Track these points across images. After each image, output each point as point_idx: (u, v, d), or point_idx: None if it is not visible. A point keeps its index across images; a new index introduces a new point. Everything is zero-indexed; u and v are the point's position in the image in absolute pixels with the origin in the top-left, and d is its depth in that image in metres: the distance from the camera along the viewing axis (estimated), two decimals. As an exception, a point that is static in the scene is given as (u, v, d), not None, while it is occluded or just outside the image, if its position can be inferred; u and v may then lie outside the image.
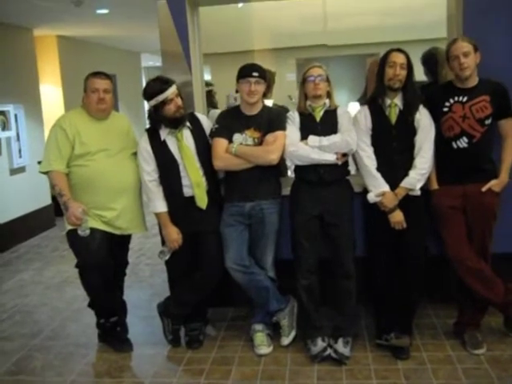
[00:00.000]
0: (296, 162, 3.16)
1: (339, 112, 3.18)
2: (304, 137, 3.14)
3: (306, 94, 3.16)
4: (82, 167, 3.18)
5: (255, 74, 3.11)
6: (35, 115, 6.93)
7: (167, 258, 3.28)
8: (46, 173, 3.20)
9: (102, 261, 3.19)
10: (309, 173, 3.15)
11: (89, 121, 3.26)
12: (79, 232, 3.10)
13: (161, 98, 3.09)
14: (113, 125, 3.34)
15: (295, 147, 3.11)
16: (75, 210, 3.06)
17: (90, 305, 3.47)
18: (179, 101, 3.14)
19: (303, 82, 3.17)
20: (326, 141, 3.08)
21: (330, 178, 3.13)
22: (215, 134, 3.21)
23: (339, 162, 3.11)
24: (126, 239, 3.47)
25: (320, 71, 3.11)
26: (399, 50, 3.04)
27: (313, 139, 3.11)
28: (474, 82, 3.04)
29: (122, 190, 3.25)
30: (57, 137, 3.16)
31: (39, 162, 3.28)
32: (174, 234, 3.22)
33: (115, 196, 3.23)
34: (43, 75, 7.34)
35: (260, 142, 3.16)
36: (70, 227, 3.19)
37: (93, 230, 3.15)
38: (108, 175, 3.20)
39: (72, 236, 3.20)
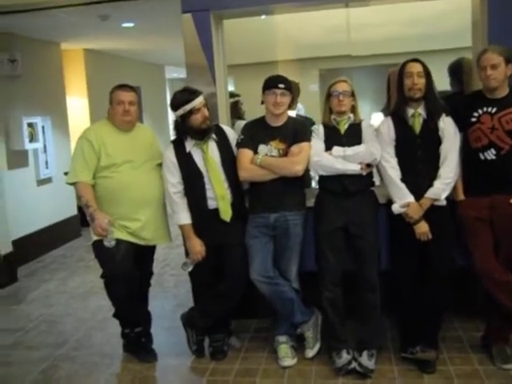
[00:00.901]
0: (320, 171, 3.16)
1: (363, 125, 3.18)
2: (328, 148, 3.14)
3: (331, 108, 3.16)
4: (108, 179, 3.22)
5: (281, 85, 3.12)
6: (62, 127, 7.05)
7: (190, 269, 3.29)
8: (72, 184, 3.25)
9: (128, 271, 3.21)
10: (333, 183, 3.14)
11: (114, 132, 3.30)
12: (105, 243, 3.13)
13: (188, 107, 3.12)
14: (137, 136, 3.38)
15: (319, 157, 3.11)
16: (101, 221, 3.09)
17: (115, 315, 3.49)
18: (206, 111, 3.17)
19: (328, 95, 3.17)
20: (350, 150, 3.08)
21: (354, 189, 3.12)
22: (240, 144, 3.22)
23: (363, 173, 3.10)
24: (150, 250, 3.49)
25: (345, 86, 3.10)
26: (415, 60, 3.04)
27: (337, 149, 3.11)
28: (503, 92, 2.99)
29: (147, 201, 3.28)
30: (83, 148, 3.21)
31: (65, 173, 3.33)
32: (198, 246, 3.23)
33: (140, 207, 3.26)
34: (70, 88, 7.48)
35: (285, 154, 3.16)
36: (95, 238, 3.23)
37: (118, 240, 3.18)
38: (133, 187, 3.22)
39: (98, 246, 3.23)
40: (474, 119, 3.01)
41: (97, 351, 3.67)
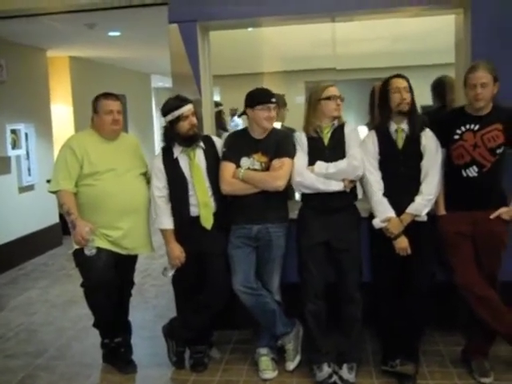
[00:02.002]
0: (303, 190, 3.17)
1: (346, 131, 3.15)
2: (311, 162, 3.13)
3: (323, 113, 3.12)
4: (90, 187, 3.21)
5: (273, 100, 3.15)
6: (45, 134, 7.00)
7: (170, 275, 3.30)
8: (54, 192, 3.23)
9: (108, 281, 3.19)
10: (315, 200, 3.14)
11: (98, 141, 3.29)
12: (86, 251, 3.11)
13: (177, 113, 3.15)
14: (122, 145, 3.38)
15: (301, 177, 3.11)
16: (82, 230, 3.08)
17: (95, 325, 3.46)
18: (194, 120, 3.20)
19: (317, 101, 3.12)
20: (332, 168, 3.07)
21: (337, 205, 3.13)
22: (223, 157, 3.24)
23: (347, 190, 3.11)
24: (132, 259, 3.47)
25: (338, 91, 3.11)
26: (399, 76, 3.07)
27: (320, 166, 3.10)
28: (487, 109, 3.01)
29: (129, 209, 3.27)
30: (66, 157, 3.20)
31: (48, 181, 3.32)
32: (177, 252, 3.24)
33: (122, 216, 3.25)
34: (55, 95, 7.43)
35: (267, 167, 3.17)
36: (76, 246, 3.21)
37: (99, 249, 3.16)
38: (115, 195, 3.22)
39: (78, 255, 3.21)
40: (457, 136, 3.04)
41: (76, 361, 3.63)
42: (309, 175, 3.10)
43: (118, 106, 3.30)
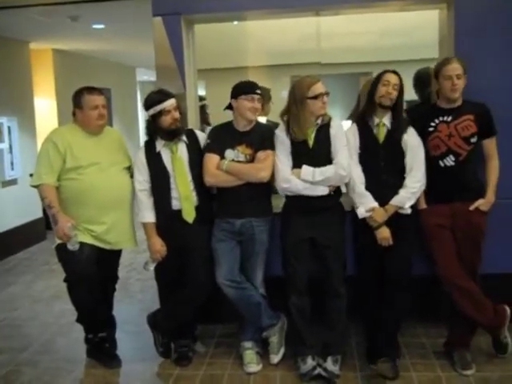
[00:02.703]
0: (288, 194, 3.16)
1: (332, 132, 3.10)
2: (296, 165, 3.09)
3: (310, 112, 3.04)
4: (73, 181, 3.19)
5: (258, 91, 3.14)
6: (28, 128, 6.93)
7: (151, 268, 3.30)
8: (36, 186, 3.20)
9: (90, 275, 3.18)
10: (300, 201, 3.13)
11: (82, 136, 3.27)
12: (69, 246, 3.10)
13: (159, 108, 3.14)
14: (105, 139, 3.36)
15: (288, 184, 3.08)
16: (64, 226, 3.06)
17: (79, 319, 3.45)
18: (176, 114, 3.19)
19: (303, 99, 3.02)
20: (318, 175, 3.04)
21: (323, 206, 3.12)
22: (207, 149, 3.22)
23: (331, 192, 3.11)
24: (116, 254, 3.46)
25: (324, 86, 3.04)
26: (394, 72, 3.07)
27: (306, 172, 3.05)
28: (458, 102, 3.09)
29: (113, 204, 3.25)
30: (48, 151, 3.18)
31: (31, 175, 3.29)
32: (158, 245, 3.24)
33: (105, 210, 3.23)
34: (38, 88, 7.35)
35: (252, 159, 3.17)
36: (59, 241, 3.19)
37: (82, 244, 3.15)
38: (99, 189, 3.20)
39: (61, 250, 3.19)
40: (431, 129, 3.10)
41: (60, 356, 3.61)
42: (295, 182, 3.07)
43: (103, 101, 3.28)
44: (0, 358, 3.60)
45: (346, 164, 3.05)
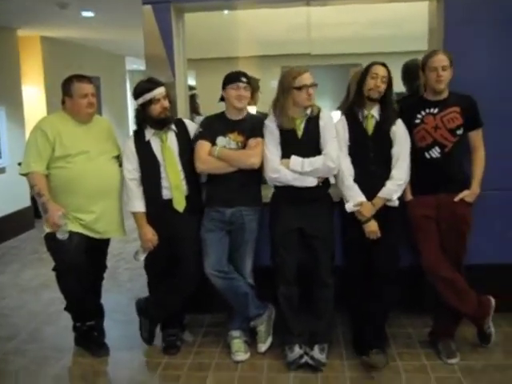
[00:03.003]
0: (277, 184, 3.17)
1: (321, 123, 3.11)
2: (285, 155, 3.11)
3: (295, 102, 3.05)
4: (62, 169, 3.18)
5: (244, 79, 3.14)
6: (17, 116, 6.87)
7: (142, 258, 3.30)
8: (25, 174, 3.19)
9: (79, 264, 3.18)
10: (289, 192, 3.14)
11: (71, 124, 3.26)
12: (58, 235, 3.09)
13: (148, 96, 3.14)
14: (95, 128, 3.35)
15: (277, 174, 3.09)
16: (54, 215, 3.05)
17: (67, 308, 3.45)
18: (166, 103, 3.18)
19: (288, 89, 3.04)
20: (307, 166, 3.05)
21: (311, 196, 3.14)
22: (199, 136, 3.23)
23: (320, 184, 3.13)
24: (104, 243, 3.46)
25: (311, 79, 3.03)
26: (383, 64, 3.08)
27: (295, 162, 3.07)
28: (444, 94, 3.12)
29: (102, 193, 3.25)
30: (37, 139, 3.16)
31: (19, 164, 3.27)
32: (149, 234, 3.24)
33: (94, 199, 3.23)
34: (26, 76, 7.28)
35: (243, 147, 3.18)
36: (48, 230, 3.18)
37: (71, 233, 3.14)
38: (88, 178, 3.19)
39: (50, 239, 3.19)
40: (418, 120, 3.12)
41: (48, 345, 3.61)
42: (284, 172, 3.08)
43: (92, 89, 3.27)
44: (-12, 347, 3.60)
45: (335, 155, 3.06)
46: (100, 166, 3.26)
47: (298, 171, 3.07)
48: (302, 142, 3.12)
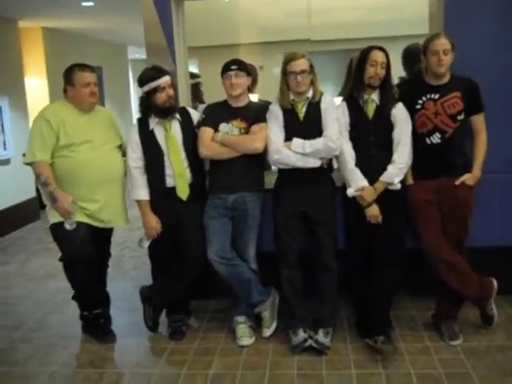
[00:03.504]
0: (280, 166, 3.19)
1: (323, 106, 3.13)
2: (288, 137, 3.13)
3: (289, 86, 3.12)
4: (66, 158, 3.19)
5: (234, 67, 3.16)
6: (20, 107, 6.89)
7: (146, 245, 3.33)
8: (30, 164, 3.20)
9: (87, 254, 3.21)
10: (292, 174, 3.16)
11: (74, 113, 3.26)
12: (66, 225, 3.11)
13: (153, 84, 3.15)
14: (97, 117, 3.36)
15: (279, 155, 3.11)
16: (64, 202, 3.08)
17: (74, 297, 3.49)
18: (171, 91, 3.20)
19: (284, 74, 3.11)
20: (308, 148, 3.07)
21: (314, 179, 3.16)
22: (202, 123, 3.25)
23: (324, 166, 3.15)
24: (108, 231, 3.49)
25: (302, 65, 3.05)
26: (380, 49, 3.06)
27: (296, 144, 3.09)
28: (446, 79, 3.10)
29: (106, 182, 3.27)
30: (41, 127, 3.16)
31: (24, 155, 3.28)
32: (153, 222, 3.26)
33: (98, 188, 3.25)
34: (28, 67, 7.30)
35: (246, 133, 3.20)
36: (53, 220, 3.21)
37: (77, 223, 3.16)
38: (92, 167, 3.21)
39: (56, 229, 3.22)
40: (418, 106, 3.12)
41: (55, 333, 3.65)
42: (286, 153, 3.10)
43: (95, 78, 3.27)
44: (-5, 336, 3.65)
45: (335, 137, 3.07)
46: (104, 155, 3.27)
47: (299, 153, 3.09)
48: (304, 124, 3.14)
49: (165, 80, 3.17)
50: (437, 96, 3.09)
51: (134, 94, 11.30)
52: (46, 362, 3.27)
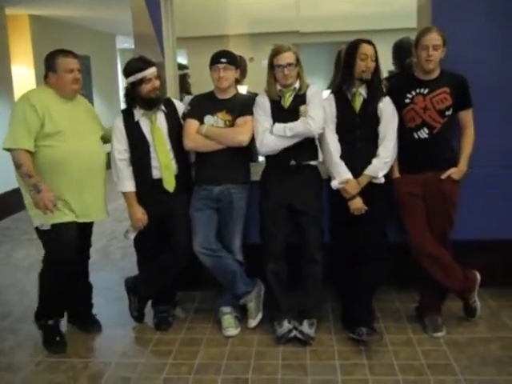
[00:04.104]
0: (268, 153, 3.20)
1: (308, 93, 3.15)
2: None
3: (276, 79, 3.14)
4: (53, 148, 3.06)
5: (223, 60, 3.15)
6: (6, 96, 6.81)
7: (132, 237, 3.33)
8: (9, 150, 3.04)
9: (74, 255, 3.16)
10: (276, 159, 3.18)
11: (58, 100, 3.14)
12: (40, 225, 3.07)
13: (139, 76, 3.13)
14: (80, 106, 3.28)
15: (264, 141, 3.12)
16: (46, 196, 2.94)
17: (43, 305, 3.35)
18: (157, 83, 3.18)
19: (271, 67, 3.13)
20: (289, 131, 3.08)
21: (300, 161, 3.17)
22: (187, 115, 3.25)
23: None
24: (91, 225, 3.40)
25: (288, 58, 3.06)
26: (369, 42, 3.06)
27: (278, 128, 3.11)
28: (435, 74, 3.11)
29: (92, 172, 3.21)
30: (25, 112, 3.00)
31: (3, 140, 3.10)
32: (139, 214, 3.26)
33: (85, 179, 3.16)
34: (15, 56, 7.21)
35: (231, 125, 3.21)
36: (37, 222, 3.12)
37: (64, 224, 3.11)
38: (80, 157, 3.11)
39: (42, 231, 3.15)
40: (407, 100, 3.12)
41: (41, 323, 3.64)
42: (269, 138, 3.12)
43: (78, 64, 3.18)
44: (-20, 326, 3.64)
45: (316, 118, 3.07)
46: (91, 145, 3.21)
47: (281, 136, 3.10)
48: (289, 113, 3.14)
49: (151, 71, 3.16)
50: (426, 91, 3.09)
51: (123, 83, 11.21)
52: (32, 351, 3.27)
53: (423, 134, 3.11)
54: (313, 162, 3.24)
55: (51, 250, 3.19)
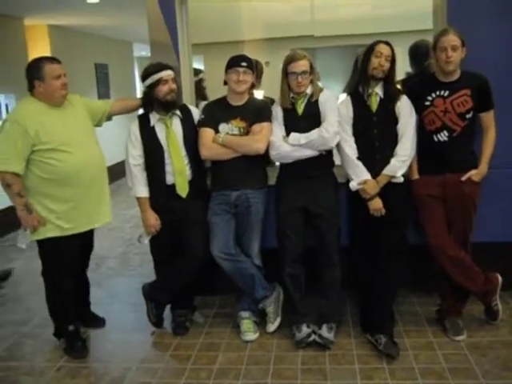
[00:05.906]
0: (282, 161, 3.22)
1: (321, 100, 3.16)
2: (287, 134, 3.17)
3: (289, 86, 3.15)
4: (59, 161, 3.02)
5: (243, 63, 3.16)
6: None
7: (146, 241, 3.36)
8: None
9: (76, 266, 3.28)
10: (292, 167, 3.19)
11: (49, 110, 3.07)
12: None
13: (156, 77, 3.16)
14: (69, 110, 3.18)
15: (277, 150, 3.15)
16: (36, 218, 3.05)
17: (55, 313, 3.40)
18: (173, 85, 3.21)
19: (285, 73, 3.14)
20: (303, 140, 3.09)
21: (314, 173, 3.17)
22: (202, 124, 3.26)
23: (323, 152, 3.16)
24: (92, 231, 3.42)
25: (303, 66, 3.08)
26: (386, 43, 3.07)
27: (293, 137, 3.12)
28: (456, 75, 3.08)
29: (98, 179, 3.21)
30: (14, 135, 2.94)
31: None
32: (152, 220, 3.28)
33: (93, 185, 3.16)
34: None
35: (246, 132, 3.21)
36: (37, 237, 3.17)
37: (69, 237, 3.14)
38: (87, 167, 3.10)
39: (43, 244, 3.21)
40: (427, 103, 3.10)
41: (62, 328, 3.68)
42: (284, 148, 3.13)
43: (64, 69, 3.12)
44: (3, 331, 3.69)
45: (331, 128, 3.08)
46: (92, 152, 3.19)
47: (296, 145, 3.11)
48: (302, 119, 3.15)
49: (167, 73, 3.19)
50: (446, 93, 3.06)
51: (140, 91, 11.30)
52: (53, 357, 3.30)
53: (443, 136, 3.08)
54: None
55: (53, 262, 3.24)
